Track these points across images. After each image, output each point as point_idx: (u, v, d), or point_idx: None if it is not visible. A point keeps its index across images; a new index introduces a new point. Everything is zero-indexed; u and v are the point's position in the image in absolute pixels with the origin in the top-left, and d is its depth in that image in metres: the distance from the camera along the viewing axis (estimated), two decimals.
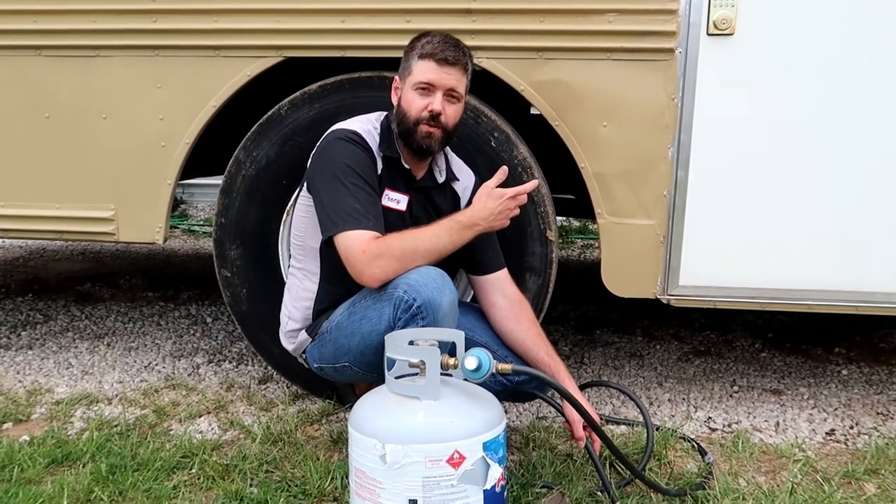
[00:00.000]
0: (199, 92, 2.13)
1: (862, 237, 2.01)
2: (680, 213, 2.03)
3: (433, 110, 1.75)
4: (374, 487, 1.44)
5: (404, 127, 1.79)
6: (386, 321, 1.67)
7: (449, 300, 1.65)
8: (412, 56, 1.77)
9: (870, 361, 2.69)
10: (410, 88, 1.77)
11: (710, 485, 1.76)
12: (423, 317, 1.62)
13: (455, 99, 1.79)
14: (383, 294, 1.68)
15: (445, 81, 1.75)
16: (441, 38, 1.76)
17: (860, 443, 2.06)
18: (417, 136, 1.77)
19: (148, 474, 1.77)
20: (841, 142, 1.97)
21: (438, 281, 1.65)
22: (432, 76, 1.74)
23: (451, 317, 1.68)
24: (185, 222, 5.57)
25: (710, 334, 3.00)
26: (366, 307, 1.74)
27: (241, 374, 2.52)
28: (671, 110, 1.98)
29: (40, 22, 2.17)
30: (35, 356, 2.69)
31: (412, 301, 1.62)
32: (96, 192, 2.24)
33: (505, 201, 1.73)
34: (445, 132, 1.79)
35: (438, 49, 1.73)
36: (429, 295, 1.62)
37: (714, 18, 1.92)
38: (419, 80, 1.75)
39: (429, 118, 1.75)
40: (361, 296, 1.77)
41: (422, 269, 1.67)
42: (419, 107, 1.76)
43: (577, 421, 1.71)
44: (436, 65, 1.74)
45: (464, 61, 1.77)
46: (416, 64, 1.76)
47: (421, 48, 1.76)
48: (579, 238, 4.96)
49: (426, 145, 1.79)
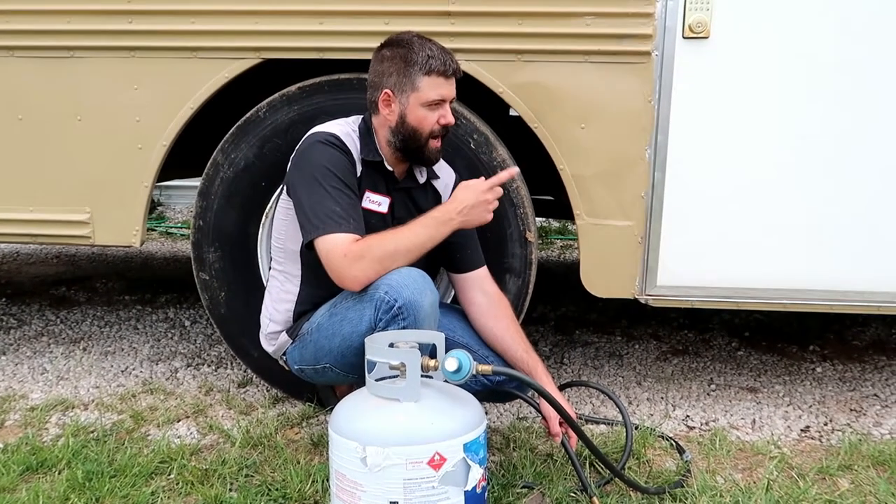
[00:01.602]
0: (177, 93, 2.11)
1: (835, 237, 2.05)
2: (657, 214, 2.05)
3: (448, 123, 1.78)
4: (355, 490, 1.44)
5: (416, 143, 1.78)
6: (367, 322, 1.67)
7: (430, 301, 1.66)
8: (413, 72, 1.73)
9: (843, 359, 2.74)
10: (420, 106, 1.75)
11: (688, 483, 1.78)
12: (405, 317, 1.62)
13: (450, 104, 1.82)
14: (364, 295, 1.68)
15: (452, 93, 1.79)
16: (438, 50, 1.75)
17: (834, 439, 2.09)
18: (428, 150, 1.79)
19: (125, 480, 1.75)
20: (815, 142, 2.00)
21: (419, 282, 1.65)
22: (444, 91, 1.76)
23: (432, 317, 1.68)
24: (162, 224, 5.51)
25: (688, 333, 3.03)
26: (346, 308, 1.73)
27: (220, 377, 2.50)
28: (648, 112, 2.00)
29: (13, 22, 2.13)
30: (9, 361, 2.64)
31: (393, 302, 1.62)
32: (71, 194, 2.21)
33: (480, 193, 1.74)
34: None
35: (441, 63, 1.73)
36: (409, 296, 1.62)
37: (689, 22, 1.95)
38: (432, 99, 1.74)
39: (440, 131, 1.78)
40: (342, 297, 1.77)
41: (402, 270, 1.67)
42: (432, 122, 1.76)
43: (553, 417, 1.73)
44: (444, 80, 1.75)
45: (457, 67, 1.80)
46: (423, 80, 1.73)
47: (425, 64, 1.72)
48: (559, 239, 4.99)
49: (435, 158, 1.82)
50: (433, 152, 1.80)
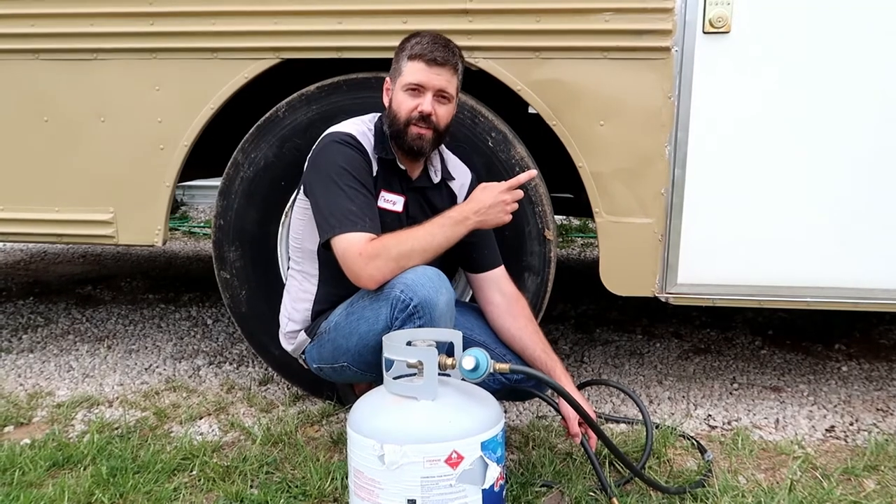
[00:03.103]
0: (198, 94, 2.14)
1: (861, 233, 2.01)
2: (677, 212, 2.03)
3: (423, 111, 1.75)
4: (373, 488, 1.44)
5: (395, 128, 1.79)
6: (383, 321, 1.67)
7: (445, 299, 1.66)
8: (402, 57, 1.77)
9: (870, 358, 2.69)
10: (400, 90, 1.77)
11: (709, 482, 1.76)
12: (420, 316, 1.62)
13: (445, 99, 1.78)
14: (380, 294, 1.69)
15: (435, 82, 1.75)
16: (430, 39, 1.76)
17: (860, 439, 2.06)
18: (408, 137, 1.77)
19: (148, 476, 1.78)
20: (838, 138, 1.97)
21: (435, 280, 1.65)
22: (422, 77, 1.74)
23: (447, 316, 1.68)
24: (185, 224, 5.58)
25: (710, 332, 3.00)
26: (363, 307, 1.74)
27: (242, 375, 2.53)
28: (668, 108, 1.98)
29: (38, 26, 2.17)
30: (36, 359, 2.69)
31: (409, 300, 1.62)
32: (95, 194, 2.25)
33: (497, 194, 1.73)
34: (437, 132, 1.79)
35: (427, 50, 1.73)
36: (425, 294, 1.62)
37: (710, 16, 1.92)
38: (409, 82, 1.75)
39: (419, 119, 1.75)
40: (359, 296, 1.78)
41: (418, 269, 1.67)
42: (409, 108, 1.75)
43: (572, 417, 1.71)
44: (425, 66, 1.73)
45: (453, 61, 1.77)
46: (406, 65, 1.75)
47: (410, 49, 1.75)
48: (579, 237, 4.96)
49: (417, 146, 1.78)
50: (414, 139, 1.77)
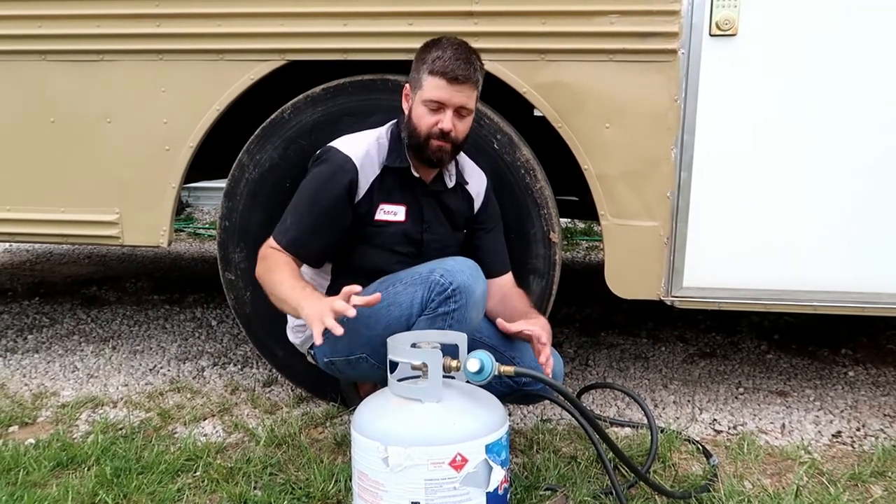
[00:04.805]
0: (203, 95, 2.14)
1: (868, 237, 2.00)
2: (683, 215, 2.02)
3: (443, 129, 1.74)
4: (377, 490, 1.44)
5: (415, 141, 1.79)
6: (418, 304, 1.67)
7: (481, 289, 1.71)
8: (423, 69, 1.74)
9: (877, 363, 2.68)
10: (420, 103, 1.76)
11: (715, 487, 1.75)
12: (457, 300, 1.65)
13: (465, 114, 1.78)
14: (416, 278, 1.70)
15: (455, 100, 1.73)
16: (452, 53, 1.72)
17: (867, 445, 2.04)
18: (429, 150, 1.78)
19: (152, 477, 1.77)
20: (846, 142, 1.96)
21: (474, 270, 1.71)
22: (443, 95, 1.73)
23: (481, 304, 1.73)
24: (190, 225, 5.59)
25: (716, 336, 2.99)
26: (395, 293, 1.71)
27: (246, 376, 2.53)
28: (674, 111, 1.98)
29: (45, 27, 2.18)
30: (41, 359, 2.70)
31: (448, 283, 1.65)
32: (101, 195, 2.25)
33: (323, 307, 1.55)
34: (455, 146, 1.81)
35: (449, 68, 1.70)
36: (464, 280, 1.66)
37: (717, 19, 1.92)
38: (429, 98, 1.74)
39: (439, 135, 1.75)
40: (384, 284, 1.76)
41: (457, 258, 1.74)
42: (429, 123, 1.75)
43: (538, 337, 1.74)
44: (446, 83, 1.71)
45: (474, 78, 1.74)
46: (427, 79, 1.73)
47: (432, 63, 1.72)
48: (584, 240, 4.95)
49: (437, 159, 1.80)
50: (435, 153, 1.78)
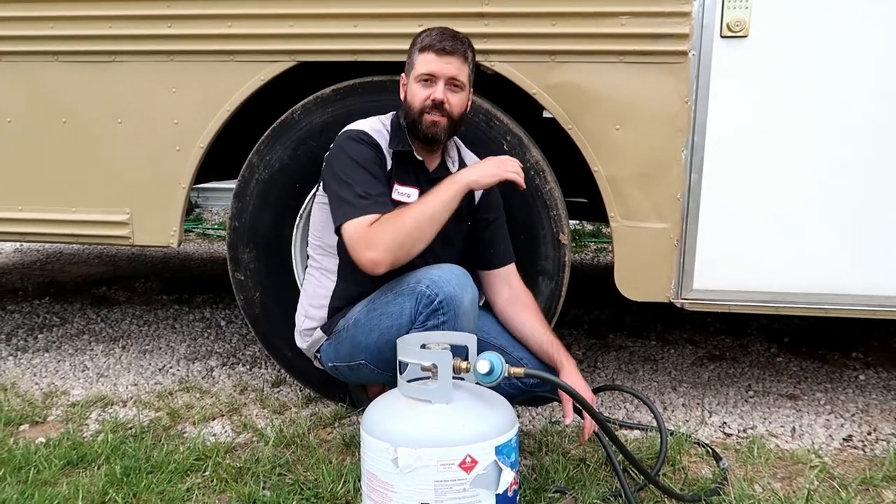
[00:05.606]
0: (214, 96, 2.15)
1: (879, 240, 1.98)
2: (693, 217, 2.01)
3: (435, 99, 1.79)
4: (386, 491, 1.44)
5: (410, 118, 1.83)
6: (407, 316, 1.69)
7: (470, 297, 1.69)
8: (413, 51, 1.84)
9: (888, 366, 2.66)
10: (414, 81, 1.82)
11: (725, 491, 1.74)
12: (444, 312, 1.64)
13: (458, 88, 1.82)
14: (404, 289, 1.71)
15: (446, 71, 1.79)
16: (439, 31, 1.82)
17: (878, 449, 2.03)
18: (423, 125, 1.81)
19: (162, 476, 1.78)
20: (856, 144, 1.94)
21: (461, 278, 1.69)
22: (433, 67, 1.79)
23: (471, 314, 1.70)
24: (199, 226, 5.61)
25: (725, 338, 2.97)
26: (386, 303, 1.75)
27: (255, 377, 2.53)
28: (684, 113, 1.97)
29: (57, 28, 2.19)
30: (51, 358, 2.71)
31: (434, 296, 1.64)
32: (112, 195, 2.26)
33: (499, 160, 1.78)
34: (451, 120, 1.82)
35: (437, 40, 1.79)
36: (450, 291, 1.65)
37: (728, 20, 1.91)
38: (421, 72, 1.80)
39: (432, 107, 1.79)
40: (381, 292, 1.79)
41: (444, 266, 1.71)
42: (422, 97, 1.80)
43: (568, 400, 1.74)
44: (435, 56, 1.78)
45: (462, 50, 1.81)
46: (418, 57, 1.81)
47: (421, 42, 1.82)
48: (593, 241, 4.94)
49: (432, 133, 1.82)
50: (429, 126, 1.81)
